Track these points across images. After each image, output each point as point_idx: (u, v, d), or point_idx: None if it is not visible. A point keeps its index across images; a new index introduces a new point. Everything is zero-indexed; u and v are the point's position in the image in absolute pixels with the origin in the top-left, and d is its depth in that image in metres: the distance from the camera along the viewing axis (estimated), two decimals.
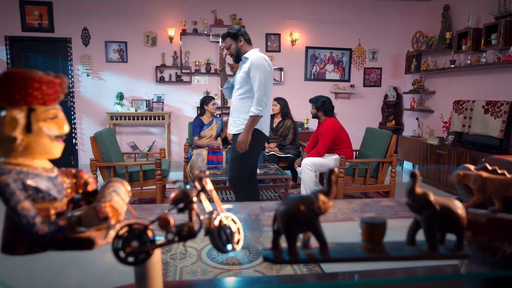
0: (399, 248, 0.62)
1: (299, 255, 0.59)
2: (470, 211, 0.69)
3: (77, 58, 5.76)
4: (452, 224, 0.60)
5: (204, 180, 0.61)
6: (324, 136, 4.15)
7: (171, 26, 5.88)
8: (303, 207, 0.58)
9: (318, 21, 6.28)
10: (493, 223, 0.67)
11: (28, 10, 5.54)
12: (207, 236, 0.60)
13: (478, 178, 0.68)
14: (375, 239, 0.60)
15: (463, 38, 4.87)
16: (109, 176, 3.90)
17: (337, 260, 0.59)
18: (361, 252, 0.60)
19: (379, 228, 0.60)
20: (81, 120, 5.89)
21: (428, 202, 0.59)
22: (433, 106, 5.71)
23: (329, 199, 0.59)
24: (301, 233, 0.59)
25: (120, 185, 0.70)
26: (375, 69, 6.57)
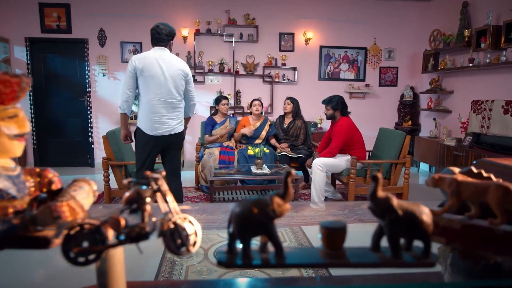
0: (361, 254, 0.59)
1: (252, 259, 0.57)
2: (445, 217, 0.66)
3: (93, 59, 5.88)
4: (416, 230, 0.56)
5: (160, 180, 0.60)
6: (338, 137, 4.08)
7: (185, 26, 5.93)
8: (256, 210, 0.56)
9: (332, 20, 6.20)
10: (468, 230, 0.63)
11: (47, 12, 5.69)
12: (160, 237, 0.58)
13: (453, 182, 0.64)
14: (335, 244, 0.58)
15: (482, 36, 4.71)
16: (120, 174, 3.96)
17: (292, 265, 0.57)
18: (319, 258, 0.58)
19: (339, 233, 0.57)
20: (97, 119, 6.01)
21: (390, 206, 0.56)
22: (451, 106, 5.55)
23: (285, 202, 0.57)
24: (255, 237, 0.57)
25: (85, 185, 0.70)
26: (391, 68, 6.44)
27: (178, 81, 3.03)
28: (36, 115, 5.89)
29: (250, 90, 6.21)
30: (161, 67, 2.96)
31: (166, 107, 3.02)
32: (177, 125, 3.10)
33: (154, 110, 2.99)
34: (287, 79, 6.27)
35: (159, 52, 3.00)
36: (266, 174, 4.20)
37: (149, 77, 2.94)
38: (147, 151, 3.11)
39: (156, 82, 2.96)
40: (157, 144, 3.10)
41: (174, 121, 3.08)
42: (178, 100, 3.07)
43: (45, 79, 5.88)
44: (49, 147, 6.04)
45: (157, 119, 3.01)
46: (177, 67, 3.01)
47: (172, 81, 3.00)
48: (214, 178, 4.07)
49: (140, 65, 2.93)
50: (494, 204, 0.61)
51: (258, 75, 6.18)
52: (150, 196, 0.59)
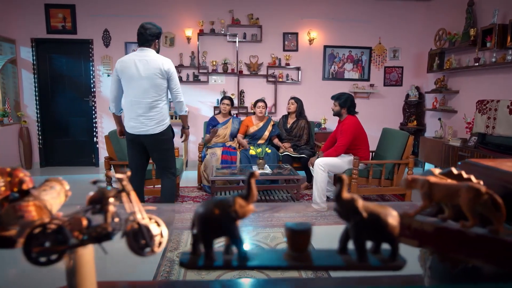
0: (327, 257, 0.58)
1: (214, 261, 0.56)
2: (418, 219, 0.64)
3: (98, 59, 5.92)
4: (381, 233, 0.55)
5: (124, 180, 0.59)
6: (345, 135, 4.04)
7: (189, 26, 5.94)
8: (217, 211, 0.55)
9: (336, 19, 6.16)
10: (441, 232, 0.61)
11: (53, 13, 5.74)
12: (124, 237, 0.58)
13: (425, 184, 0.63)
14: (299, 246, 0.57)
15: (488, 35, 4.64)
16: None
17: (254, 267, 0.56)
18: (283, 260, 0.57)
19: (303, 235, 0.56)
20: (101, 119, 6.05)
21: (355, 208, 0.55)
22: (457, 106, 5.48)
23: (248, 203, 0.56)
24: (218, 238, 0.57)
25: (56, 184, 0.70)
26: (396, 68, 6.38)
27: (156, 80, 3.01)
28: (42, 115, 5.95)
29: (254, 90, 6.20)
30: (137, 68, 2.97)
31: (142, 107, 3.03)
32: (154, 126, 3.08)
33: (132, 110, 3.06)
34: (291, 79, 6.25)
35: (140, 52, 3.04)
36: (268, 174, 4.19)
37: (127, 78, 3.01)
38: (131, 149, 3.24)
39: (133, 82, 3.00)
40: (139, 143, 3.16)
41: (152, 122, 3.07)
42: (156, 100, 3.05)
43: (51, 79, 5.94)
44: (54, 147, 6.10)
45: (135, 119, 3.07)
46: (154, 66, 2.98)
47: (148, 81, 2.99)
48: (215, 178, 4.07)
49: (120, 68, 3.01)
50: (465, 206, 0.59)
51: (262, 75, 6.17)
52: (114, 196, 0.59)
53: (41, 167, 6.00)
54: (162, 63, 3.02)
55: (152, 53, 3.05)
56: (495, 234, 0.58)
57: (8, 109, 5.62)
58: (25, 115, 5.84)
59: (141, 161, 3.29)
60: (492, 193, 0.59)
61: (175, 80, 3.12)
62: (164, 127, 3.15)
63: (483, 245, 0.58)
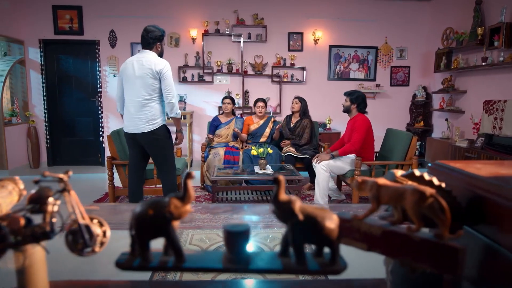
0: (267, 260, 0.57)
1: (150, 262, 0.56)
2: (366, 222, 0.62)
3: (104, 59, 5.99)
4: (318, 236, 0.54)
5: (65, 180, 0.59)
6: (359, 131, 3.99)
7: (194, 26, 5.96)
8: (152, 212, 0.54)
9: (342, 19, 6.11)
10: (388, 236, 0.60)
11: (60, 14, 5.83)
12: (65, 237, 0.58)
13: (373, 186, 0.61)
14: (236, 248, 0.56)
15: (495, 34, 4.55)
16: (124, 173, 4.01)
17: (189, 269, 0.55)
18: (220, 262, 0.56)
19: (239, 237, 0.55)
20: (108, 119, 6.11)
21: (292, 210, 0.54)
22: (464, 106, 5.38)
23: (183, 204, 0.55)
24: (154, 239, 0.56)
25: (9, 184, 0.70)
26: (403, 67, 6.30)
27: (147, 80, 3.08)
28: (49, 114, 6.04)
29: (259, 90, 6.19)
30: (133, 69, 3.11)
31: (135, 106, 3.15)
32: (145, 125, 3.15)
33: (127, 109, 3.22)
34: (296, 79, 6.22)
35: (139, 54, 3.18)
36: (269, 174, 4.18)
37: (125, 78, 3.18)
38: (129, 148, 3.37)
39: (129, 83, 3.15)
40: (136, 142, 3.25)
41: (141, 121, 3.15)
42: (147, 99, 3.13)
43: (58, 79, 6.03)
44: (61, 146, 6.19)
45: (128, 117, 3.21)
46: (147, 66, 3.06)
47: (141, 81, 3.08)
48: (216, 178, 4.08)
49: (122, 69, 3.24)
50: (410, 209, 0.58)
51: (267, 75, 6.16)
52: (53, 195, 0.58)
53: (48, 166, 6.09)
54: (155, 64, 3.08)
55: (151, 54, 3.13)
56: (440, 239, 0.56)
57: (16, 109, 5.73)
58: (33, 115, 5.94)
59: (138, 160, 3.35)
60: (437, 196, 0.58)
61: (167, 81, 3.13)
62: (154, 126, 3.19)
63: (427, 249, 0.56)
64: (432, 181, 0.76)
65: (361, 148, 4.05)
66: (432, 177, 0.77)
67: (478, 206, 0.73)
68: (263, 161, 4.29)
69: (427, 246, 0.56)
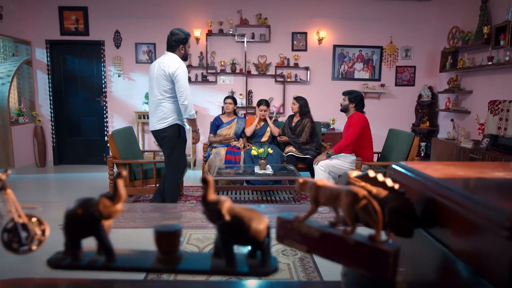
0: (196, 261, 0.56)
1: (80, 261, 0.55)
2: (306, 224, 0.61)
3: (109, 60, 6.05)
4: (245, 237, 0.53)
5: (3, 179, 0.59)
6: (355, 126, 3.98)
7: (198, 27, 5.98)
8: (81, 211, 0.54)
9: (346, 18, 6.07)
10: (325, 238, 0.59)
11: (66, 15, 5.91)
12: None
13: (313, 187, 0.60)
14: (167, 248, 0.55)
15: (501, 33, 4.46)
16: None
17: (117, 269, 0.55)
18: (149, 262, 0.55)
19: (170, 237, 0.55)
20: (112, 119, 6.17)
21: (219, 211, 0.53)
22: (470, 106, 5.29)
23: (114, 203, 0.55)
24: (84, 238, 0.56)
25: None
26: (408, 67, 6.22)
27: (160, 81, 3.29)
28: (55, 114, 6.13)
29: (262, 90, 6.18)
30: (153, 70, 3.35)
31: (151, 105, 3.46)
32: (156, 122, 3.39)
33: (149, 108, 3.54)
34: (300, 79, 6.19)
35: (162, 56, 3.39)
36: (269, 174, 4.16)
37: (149, 80, 3.48)
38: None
39: (150, 83, 3.45)
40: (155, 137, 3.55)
41: (154, 119, 3.40)
42: (159, 99, 3.34)
43: (64, 79, 6.11)
44: (67, 146, 6.27)
45: (149, 116, 3.52)
46: (162, 68, 3.25)
47: (156, 82, 3.33)
48: (215, 178, 4.08)
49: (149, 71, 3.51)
50: (345, 210, 0.57)
51: (270, 75, 6.15)
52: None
53: (54, 165, 6.18)
54: (169, 66, 3.23)
55: (169, 57, 3.32)
56: (372, 242, 0.55)
57: (23, 108, 5.82)
58: (39, 115, 6.03)
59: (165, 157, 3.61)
60: (370, 198, 0.56)
61: (179, 83, 3.25)
62: (165, 125, 3.36)
63: (361, 252, 0.55)
64: (385, 182, 0.75)
65: (359, 147, 4.02)
66: (386, 178, 0.76)
67: (431, 209, 0.72)
68: (263, 161, 4.28)
69: (361, 249, 0.55)
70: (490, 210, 0.53)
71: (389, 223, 0.69)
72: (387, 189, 0.73)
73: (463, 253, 0.61)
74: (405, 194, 0.72)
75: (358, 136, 3.98)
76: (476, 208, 0.55)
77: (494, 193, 0.61)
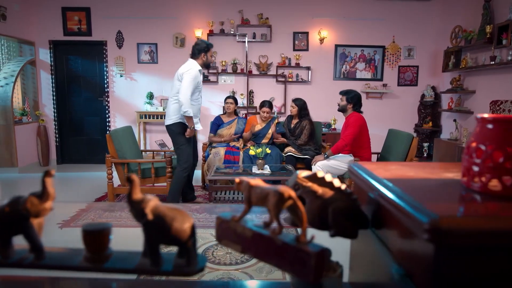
0: (125, 259, 0.56)
1: (10, 259, 0.56)
2: (241, 225, 0.61)
3: (111, 60, 6.10)
4: (167, 237, 0.53)
5: None
6: (350, 127, 3.96)
7: (199, 27, 6.00)
8: (8, 209, 0.55)
9: (348, 18, 6.03)
10: (257, 239, 0.58)
11: (69, 16, 5.97)
12: None
13: (246, 187, 0.60)
14: (94, 247, 0.55)
15: (503, 32, 4.39)
16: (123, 172, 4.08)
17: (46, 266, 0.55)
18: (78, 261, 0.56)
19: (98, 236, 0.55)
20: (114, 119, 6.22)
21: (142, 210, 0.53)
22: (473, 106, 5.22)
23: (42, 201, 0.55)
24: (14, 235, 0.56)
25: None
26: (411, 67, 6.16)
27: (175, 82, 3.75)
28: (58, 114, 6.20)
29: (263, 90, 6.18)
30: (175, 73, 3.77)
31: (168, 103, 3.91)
32: (167, 119, 3.85)
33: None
34: (301, 79, 6.17)
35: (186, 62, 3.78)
36: (266, 175, 4.16)
37: None
38: None
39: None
40: None
41: (166, 116, 3.86)
42: (171, 98, 3.81)
43: (67, 79, 6.18)
44: (70, 145, 6.34)
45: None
46: (178, 71, 3.72)
47: (174, 83, 3.78)
48: (212, 177, 4.09)
49: None
50: (271, 210, 0.56)
51: (272, 75, 6.14)
52: None
53: (57, 164, 6.25)
54: (182, 68, 3.68)
55: (189, 61, 3.75)
56: (297, 242, 0.54)
57: (27, 108, 5.90)
58: (43, 114, 6.10)
59: None
60: (295, 199, 0.56)
61: (183, 82, 3.62)
62: (170, 122, 3.80)
63: (287, 253, 0.54)
64: (333, 182, 0.74)
65: (356, 147, 3.99)
66: (333, 179, 0.75)
67: (376, 210, 0.71)
68: (260, 161, 4.27)
69: (287, 250, 0.54)
70: (415, 212, 0.52)
71: (333, 223, 0.68)
72: (334, 190, 0.72)
73: (398, 255, 0.60)
74: (352, 195, 0.72)
75: (356, 136, 3.95)
76: (405, 209, 0.54)
77: (429, 195, 0.60)
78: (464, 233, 0.48)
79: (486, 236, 0.48)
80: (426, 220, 0.48)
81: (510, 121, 0.58)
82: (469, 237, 0.48)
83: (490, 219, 0.49)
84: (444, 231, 0.47)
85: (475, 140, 0.60)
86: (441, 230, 0.47)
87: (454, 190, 0.63)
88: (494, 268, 0.49)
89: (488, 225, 0.48)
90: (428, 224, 0.48)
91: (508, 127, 0.57)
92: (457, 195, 0.60)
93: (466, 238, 0.48)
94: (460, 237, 0.48)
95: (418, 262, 0.53)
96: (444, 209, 0.51)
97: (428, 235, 0.48)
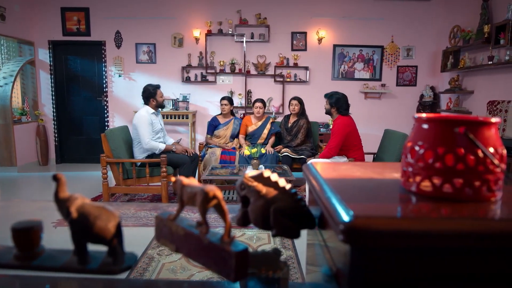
0: (55, 258, 0.56)
1: None
2: (176, 223, 0.61)
3: (110, 60, 6.13)
4: (90, 235, 0.53)
5: None
6: (334, 136, 3.94)
7: (197, 27, 6.01)
8: None
9: (346, 17, 6.01)
10: (188, 238, 0.58)
11: (68, 16, 6.01)
12: None
13: (179, 186, 0.60)
14: (24, 245, 0.56)
15: (501, 32, 4.35)
16: (117, 171, 4.09)
17: None
18: (8, 259, 0.56)
19: (26, 234, 0.55)
20: (113, 118, 6.25)
21: (67, 208, 0.53)
22: (471, 107, 5.18)
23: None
24: None
25: None
26: (410, 67, 6.13)
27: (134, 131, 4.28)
28: (58, 113, 6.24)
29: (261, 90, 6.17)
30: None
31: None
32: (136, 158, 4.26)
33: None
34: (299, 78, 6.16)
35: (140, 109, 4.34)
36: None
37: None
38: None
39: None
40: None
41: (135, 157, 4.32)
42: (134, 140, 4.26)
43: (66, 79, 6.22)
44: (69, 144, 6.38)
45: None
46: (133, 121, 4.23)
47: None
48: (207, 177, 4.09)
49: None
50: (199, 209, 0.56)
51: (270, 75, 6.14)
52: None
53: (56, 164, 6.29)
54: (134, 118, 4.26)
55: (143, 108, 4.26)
56: (221, 242, 0.54)
57: (26, 108, 5.94)
58: (42, 114, 6.15)
59: None
60: (220, 198, 0.56)
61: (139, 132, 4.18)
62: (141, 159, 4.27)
63: (213, 252, 0.54)
64: (278, 182, 0.74)
65: (346, 151, 3.98)
66: (279, 178, 0.75)
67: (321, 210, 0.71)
68: (255, 161, 4.27)
69: (213, 249, 0.54)
70: (336, 212, 0.51)
71: (274, 223, 0.68)
72: (278, 190, 0.72)
73: (333, 255, 0.60)
74: (295, 195, 0.71)
75: (341, 143, 3.93)
76: (330, 209, 0.54)
77: (359, 196, 0.60)
78: (379, 234, 0.47)
79: (402, 237, 0.47)
80: (342, 220, 0.48)
81: (442, 121, 0.57)
82: (384, 238, 0.47)
83: (406, 220, 0.48)
84: (358, 231, 0.46)
85: (410, 140, 0.60)
86: (355, 231, 0.47)
87: (392, 190, 0.62)
88: (411, 270, 0.49)
89: (403, 226, 0.47)
90: (343, 224, 0.48)
91: (441, 127, 0.57)
92: (390, 195, 0.60)
93: (382, 239, 0.47)
94: (376, 238, 0.47)
95: (341, 263, 0.52)
96: (363, 210, 0.51)
97: (343, 235, 0.47)
